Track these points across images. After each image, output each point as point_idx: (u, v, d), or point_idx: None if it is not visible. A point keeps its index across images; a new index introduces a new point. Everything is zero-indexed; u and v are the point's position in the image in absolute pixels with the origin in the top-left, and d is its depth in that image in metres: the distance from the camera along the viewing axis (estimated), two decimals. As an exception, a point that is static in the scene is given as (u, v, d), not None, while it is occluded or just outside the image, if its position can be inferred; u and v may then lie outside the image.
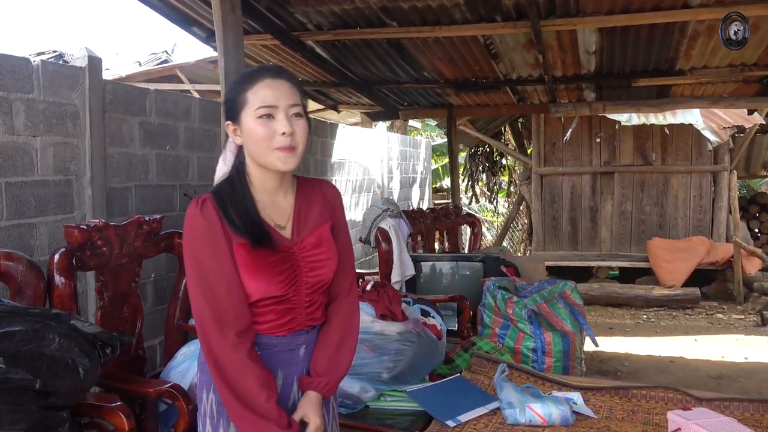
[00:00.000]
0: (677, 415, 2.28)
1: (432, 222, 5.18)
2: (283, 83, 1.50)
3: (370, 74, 6.14)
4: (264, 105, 1.47)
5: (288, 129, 1.47)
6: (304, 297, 1.55)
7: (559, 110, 6.95)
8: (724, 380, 4.79)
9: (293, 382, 1.58)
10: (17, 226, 2.81)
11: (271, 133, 1.47)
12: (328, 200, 1.65)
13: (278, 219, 1.56)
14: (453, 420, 2.39)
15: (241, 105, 1.50)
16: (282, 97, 1.48)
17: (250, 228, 1.48)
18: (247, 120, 1.49)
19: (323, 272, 1.57)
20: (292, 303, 1.54)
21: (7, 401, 1.72)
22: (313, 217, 1.60)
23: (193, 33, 4.99)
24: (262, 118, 1.47)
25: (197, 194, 1.53)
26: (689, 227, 8.57)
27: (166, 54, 9.95)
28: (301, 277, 1.54)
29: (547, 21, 4.39)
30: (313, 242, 1.57)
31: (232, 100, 1.53)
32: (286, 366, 1.57)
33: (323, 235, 1.59)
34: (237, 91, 1.52)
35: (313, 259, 1.56)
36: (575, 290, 3.84)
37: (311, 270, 1.55)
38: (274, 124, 1.47)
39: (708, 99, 6.54)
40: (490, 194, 12.17)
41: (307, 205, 1.61)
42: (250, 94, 1.49)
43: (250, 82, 1.50)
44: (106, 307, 2.49)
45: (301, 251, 1.55)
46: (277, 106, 1.48)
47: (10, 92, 2.78)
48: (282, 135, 1.47)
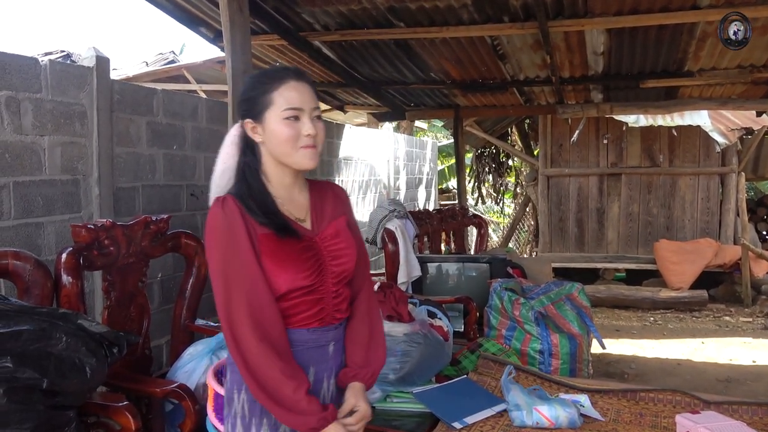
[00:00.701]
0: (686, 419, 2.27)
1: (438, 223, 5.18)
2: (306, 86, 1.56)
3: (376, 75, 6.14)
4: (291, 107, 1.52)
5: (313, 131, 1.53)
6: (330, 287, 1.58)
7: (567, 111, 6.93)
8: (731, 383, 4.76)
9: (323, 379, 1.60)
10: (25, 225, 2.82)
11: (296, 135, 1.52)
12: (339, 197, 1.71)
13: (297, 213, 1.61)
14: (459, 422, 2.38)
15: (265, 105, 1.53)
16: (306, 100, 1.54)
17: (273, 219, 1.53)
18: (272, 120, 1.53)
19: (345, 261, 1.61)
20: (320, 293, 1.57)
21: (15, 400, 1.72)
22: (329, 211, 1.66)
23: (201, 33, 5.00)
24: (288, 119, 1.52)
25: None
26: (697, 229, 8.53)
27: (173, 54, 9.97)
28: (325, 267, 1.58)
29: (555, 21, 4.37)
30: (332, 232, 1.62)
31: (253, 99, 1.56)
32: (317, 363, 1.59)
33: (340, 226, 1.65)
34: (260, 91, 1.55)
35: (334, 248, 1.60)
36: (582, 292, 3.83)
37: (334, 259, 1.59)
38: (299, 126, 1.52)
39: (716, 100, 6.51)
40: (496, 195, 12.15)
41: (321, 200, 1.66)
42: (276, 95, 1.52)
43: (275, 82, 1.54)
44: (113, 307, 2.49)
45: (323, 241, 1.60)
46: (303, 109, 1.53)
47: (18, 92, 2.78)
48: (307, 136, 1.52)
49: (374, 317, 1.70)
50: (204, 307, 2.94)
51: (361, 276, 1.71)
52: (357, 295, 1.70)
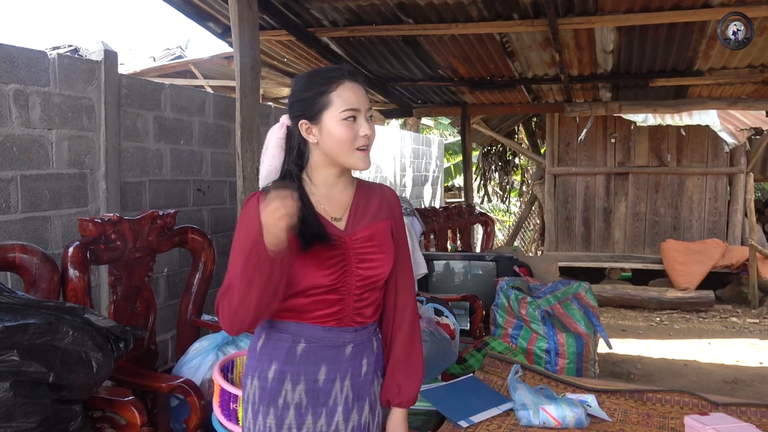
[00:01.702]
0: (695, 420, 2.25)
1: (445, 221, 5.16)
2: (360, 86, 1.56)
3: (384, 71, 6.12)
4: (350, 108, 1.52)
5: (369, 132, 1.54)
6: (354, 289, 1.56)
7: (575, 110, 6.90)
8: (738, 384, 4.74)
9: (335, 380, 1.58)
10: (32, 219, 2.82)
11: (354, 135, 1.52)
12: (388, 201, 1.69)
13: (333, 212, 1.60)
14: (466, 420, 2.37)
15: (323, 105, 1.53)
16: (362, 101, 1.54)
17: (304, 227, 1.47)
18: (330, 121, 1.52)
19: (374, 266, 1.58)
20: (341, 293, 1.55)
21: (21, 394, 1.71)
22: (371, 212, 1.64)
23: (209, 28, 4.99)
24: (347, 120, 1.52)
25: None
26: (704, 230, 8.49)
27: (180, 49, 9.98)
28: (351, 268, 1.56)
29: (565, 19, 4.35)
30: (366, 235, 1.59)
31: (309, 100, 1.55)
32: (330, 362, 1.57)
33: (379, 230, 1.62)
34: (318, 91, 1.54)
35: (363, 251, 1.58)
36: (589, 291, 3.81)
37: (361, 262, 1.57)
38: (356, 127, 1.53)
39: (726, 100, 6.47)
40: (503, 193, 12.12)
41: (366, 200, 1.65)
42: (335, 96, 1.52)
43: (332, 83, 1.53)
44: (119, 301, 2.49)
45: (353, 242, 1.58)
46: (360, 110, 1.53)
47: (26, 85, 2.78)
48: (363, 136, 1.53)
49: (416, 343, 1.69)
50: (210, 302, 2.93)
51: (404, 289, 1.67)
52: (401, 313, 1.67)
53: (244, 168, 3.44)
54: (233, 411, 2.08)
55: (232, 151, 4.03)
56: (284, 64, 5.89)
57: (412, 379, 1.66)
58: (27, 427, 1.72)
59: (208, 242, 2.83)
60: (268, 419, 1.56)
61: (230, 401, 2.10)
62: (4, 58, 2.68)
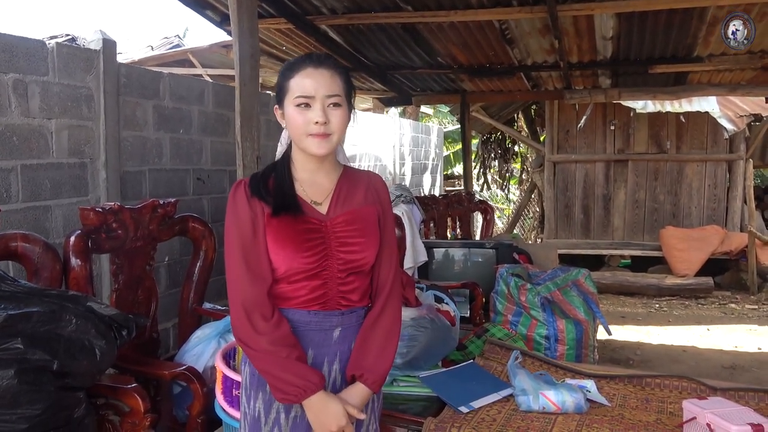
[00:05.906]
0: (693, 404, 2.26)
1: (445, 209, 5.17)
2: (324, 73, 1.56)
3: (383, 59, 6.11)
4: (301, 95, 1.55)
5: (321, 119, 1.54)
6: (336, 272, 1.58)
7: (574, 97, 6.90)
8: (737, 370, 4.76)
9: (323, 363, 1.60)
10: (33, 208, 2.83)
11: (304, 121, 1.55)
12: (375, 188, 1.70)
13: (314, 196, 1.62)
14: (466, 406, 2.39)
15: (284, 92, 1.58)
16: (320, 87, 1.55)
17: (277, 198, 1.57)
18: (288, 107, 1.58)
19: (355, 249, 1.59)
20: (323, 278, 1.57)
21: (25, 381, 1.73)
22: (357, 199, 1.65)
23: (207, 16, 4.97)
24: (300, 106, 1.55)
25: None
26: (703, 216, 8.50)
27: (178, 38, 9.94)
28: (331, 251, 1.57)
29: (565, 5, 4.34)
30: (347, 219, 1.61)
31: (278, 86, 1.62)
32: (317, 346, 1.59)
33: (362, 215, 1.63)
34: (283, 78, 1.60)
35: (343, 235, 1.59)
36: (589, 278, 3.82)
37: (342, 245, 1.58)
38: (309, 113, 1.55)
39: (725, 86, 6.46)
40: (502, 181, 12.11)
41: (350, 187, 1.66)
42: (292, 83, 1.57)
43: (293, 70, 1.58)
44: (121, 290, 2.50)
45: (333, 226, 1.60)
46: (314, 97, 1.55)
47: (25, 74, 2.78)
48: (315, 124, 1.54)
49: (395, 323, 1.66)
50: (211, 290, 2.95)
51: (385, 275, 1.66)
52: (379, 295, 1.66)
53: (243, 157, 3.44)
54: (236, 397, 2.09)
55: (231, 139, 4.03)
56: (283, 53, 5.87)
57: (366, 358, 1.61)
58: (31, 414, 1.74)
59: (209, 231, 2.83)
60: (257, 403, 1.60)
61: (232, 388, 2.12)
62: (3, 47, 2.67)
